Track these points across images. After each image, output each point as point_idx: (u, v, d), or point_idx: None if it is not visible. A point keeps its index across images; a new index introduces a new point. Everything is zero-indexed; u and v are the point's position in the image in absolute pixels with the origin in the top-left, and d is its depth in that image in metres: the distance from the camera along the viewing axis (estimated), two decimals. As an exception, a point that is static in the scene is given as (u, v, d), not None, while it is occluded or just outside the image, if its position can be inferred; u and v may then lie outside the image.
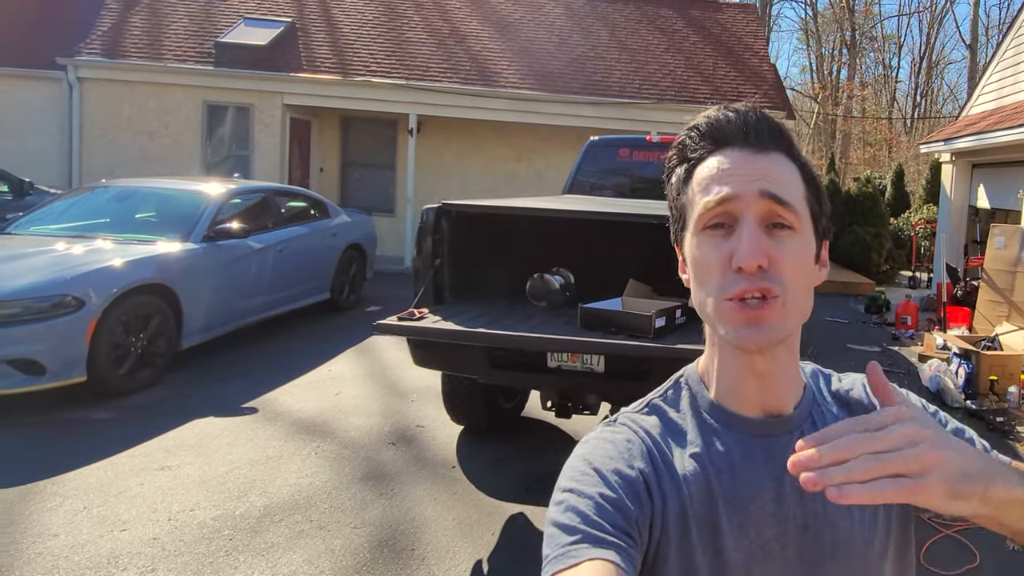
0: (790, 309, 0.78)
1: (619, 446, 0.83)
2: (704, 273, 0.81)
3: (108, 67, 11.66)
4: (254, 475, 4.04)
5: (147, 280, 5.47)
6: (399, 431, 4.84)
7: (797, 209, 0.79)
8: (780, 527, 0.81)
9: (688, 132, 0.85)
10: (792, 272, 0.78)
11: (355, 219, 9.15)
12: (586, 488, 0.77)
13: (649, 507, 0.79)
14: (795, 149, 0.84)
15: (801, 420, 0.87)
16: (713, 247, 0.79)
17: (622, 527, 0.75)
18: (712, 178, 0.80)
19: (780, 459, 0.79)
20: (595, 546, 0.72)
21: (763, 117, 0.84)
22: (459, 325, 3.38)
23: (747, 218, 0.78)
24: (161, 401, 5.22)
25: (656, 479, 0.81)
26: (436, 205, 3.85)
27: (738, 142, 0.81)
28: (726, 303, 0.78)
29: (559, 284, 4.07)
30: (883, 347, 8.11)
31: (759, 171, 0.79)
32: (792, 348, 0.85)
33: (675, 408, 0.89)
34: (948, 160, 11.61)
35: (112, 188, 7.04)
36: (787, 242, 0.78)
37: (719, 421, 0.86)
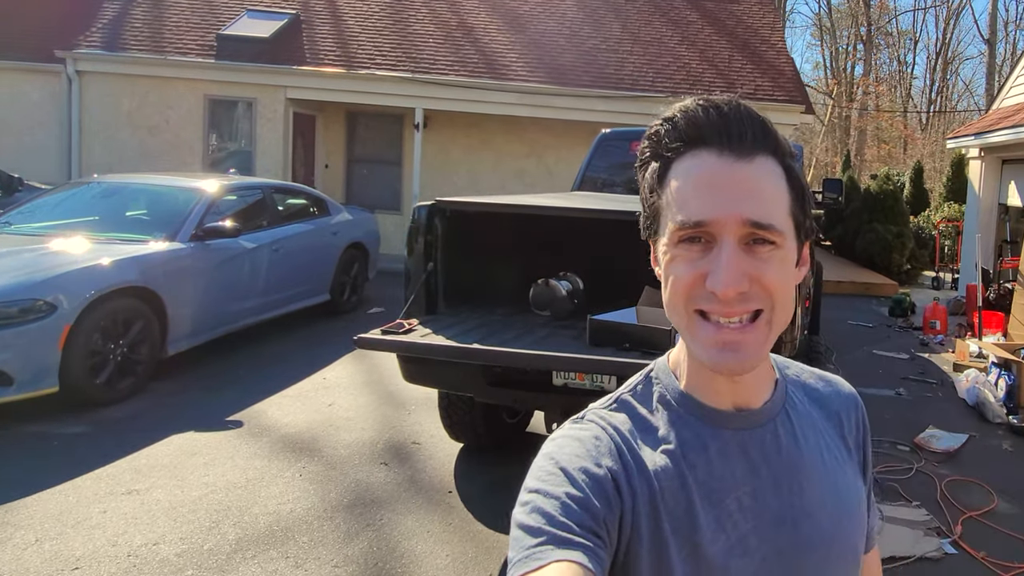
0: (774, 328, 0.76)
1: (586, 444, 0.80)
2: (675, 287, 0.76)
3: (108, 60, 11.34)
4: (230, 501, 3.68)
5: (128, 283, 5.13)
6: (393, 448, 4.47)
7: (782, 229, 0.75)
8: (756, 521, 0.80)
9: (663, 124, 0.77)
10: (777, 288, 0.75)
11: (357, 217, 8.79)
12: (552, 488, 0.74)
13: (618, 505, 0.76)
14: (781, 149, 0.77)
15: (774, 413, 0.85)
16: (687, 263, 0.75)
17: (589, 527, 0.72)
18: (689, 191, 0.74)
19: (754, 453, 0.82)
20: (561, 547, 0.69)
21: (746, 115, 0.76)
22: (451, 339, 2.99)
23: (726, 239, 0.73)
24: (140, 413, 4.87)
25: (626, 476, 0.78)
26: (429, 203, 3.47)
27: (717, 143, 0.74)
28: (694, 315, 0.75)
29: (566, 291, 3.69)
30: (911, 353, 7.66)
31: (741, 188, 0.73)
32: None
33: (645, 403, 0.86)
34: (976, 156, 11.10)
35: (99, 185, 6.70)
36: (769, 258, 0.74)
37: (691, 413, 0.83)
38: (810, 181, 21.69)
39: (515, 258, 3.86)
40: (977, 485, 4.31)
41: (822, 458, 0.86)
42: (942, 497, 4.09)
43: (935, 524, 3.74)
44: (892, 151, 35.14)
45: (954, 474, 4.46)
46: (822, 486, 0.83)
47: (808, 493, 0.82)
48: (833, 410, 0.92)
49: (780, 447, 0.83)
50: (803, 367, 0.96)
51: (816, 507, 0.82)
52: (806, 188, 0.80)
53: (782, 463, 0.82)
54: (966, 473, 4.51)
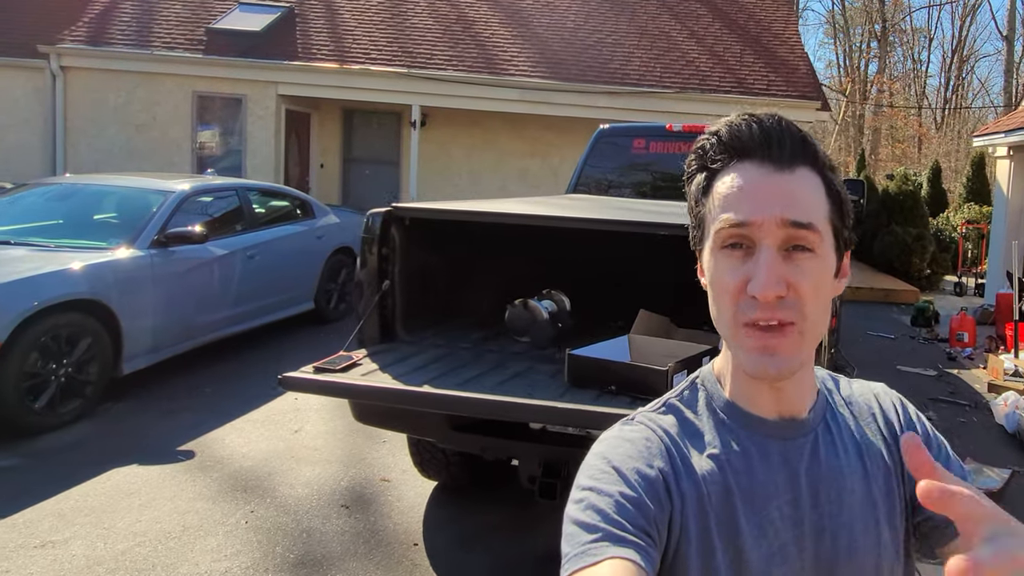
0: (807, 338, 0.78)
1: (638, 445, 0.82)
2: (720, 292, 0.79)
3: (93, 55, 10.92)
4: (157, 556, 3.17)
5: (74, 295, 4.64)
6: (357, 487, 3.95)
7: (820, 231, 0.77)
8: (797, 530, 0.81)
9: (708, 138, 0.82)
10: (812, 298, 0.76)
11: (345, 220, 8.27)
12: (606, 486, 0.76)
13: (668, 506, 0.78)
14: (821, 160, 0.81)
15: (815, 424, 0.86)
16: (730, 269, 0.78)
17: (642, 526, 0.74)
18: (731, 198, 0.78)
19: (795, 463, 0.84)
20: (615, 544, 0.71)
21: (787, 129, 0.80)
22: (399, 379, 2.47)
23: (765, 244, 0.76)
24: (82, 441, 4.38)
25: (675, 478, 0.80)
26: (383, 209, 2.94)
27: (759, 155, 0.78)
28: (742, 328, 0.77)
29: (548, 313, 3.15)
30: (939, 369, 7.07)
31: (781, 193, 0.76)
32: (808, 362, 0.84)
33: (691, 408, 0.88)
34: (1004, 155, 10.47)
35: (61, 185, 6.22)
36: (807, 266, 0.76)
37: (735, 421, 0.85)
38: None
39: (492, 274, 3.33)
40: (1026, 535, 3.75)
41: (863, 467, 0.85)
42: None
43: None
44: (907, 150, 34.46)
45: (998, 520, 3.89)
46: (862, 496, 0.83)
47: (848, 502, 0.82)
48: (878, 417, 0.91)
49: (821, 458, 0.84)
50: (843, 378, 0.96)
51: (854, 517, 0.82)
52: (846, 199, 0.82)
53: (822, 474, 0.83)
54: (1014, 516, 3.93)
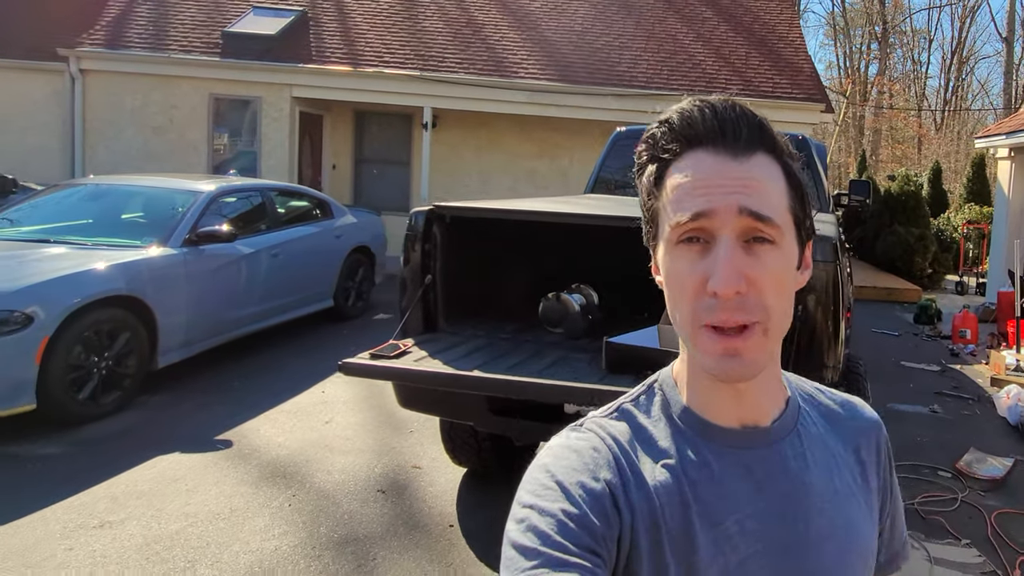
0: (772, 336, 0.73)
1: (584, 455, 0.76)
2: (677, 291, 0.74)
3: (111, 58, 11.10)
4: (210, 535, 3.36)
5: (114, 291, 4.83)
6: (391, 473, 4.14)
7: (779, 222, 0.72)
8: (758, 546, 0.75)
9: (659, 126, 0.76)
10: (773, 292, 0.72)
11: (362, 219, 8.48)
12: (547, 504, 0.71)
13: (617, 521, 0.73)
14: (779, 147, 0.76)
15: (783, 433, 0.81)
16: (688, 265, 0.72)
17: (587, 546, 0.69)
18: (685, 189, 0.73)
19: (758, 474, 0.78)
20: (557, 570, 0.66)
21: (742, 114, 0.74)
22: (450, 365, 2.66)
23: (723, 236, 0.71)
24: (124, 431, 4.57)
25: (624, 490, 0.74)
26: (426, 207, 3.14)
27: (714, 143, 0.73)
28: (701, 329, 0.72)
29: (579, 305, 3.35)
30: (942, 365, 7.26)
31: (737, 182, 0.72)
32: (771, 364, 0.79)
33: (646, 413, 0.82)
34: (1006, 156, 10.66)
35: (93, 186, 6.42)
36: (767, 258, 0.72)
37: (693, 429, 0.79)
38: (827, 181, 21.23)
39: (523, 269, 3.53)
40: (1029, 518, 3.94)
41: (832, 485, 0.81)
42: (993, 534, 3.72)
43: (990, 567, 3.37)
44: (907, 151, 34.64)
45: (1003, 505, 4.08)
46: (831, 514, 0.79)
47: (816, 521, 0.78)
48: (850, 435, 0.87)
49: (788, 469, 0.79)
50: (821, 388, 0.91)
51: (822, 537, 0.77)
52: (806, 187, 0.78)
53: (789, 487, 0.78)
54: (1016, 504, 4.13)
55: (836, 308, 2.95)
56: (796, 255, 0.76)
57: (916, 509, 3.96)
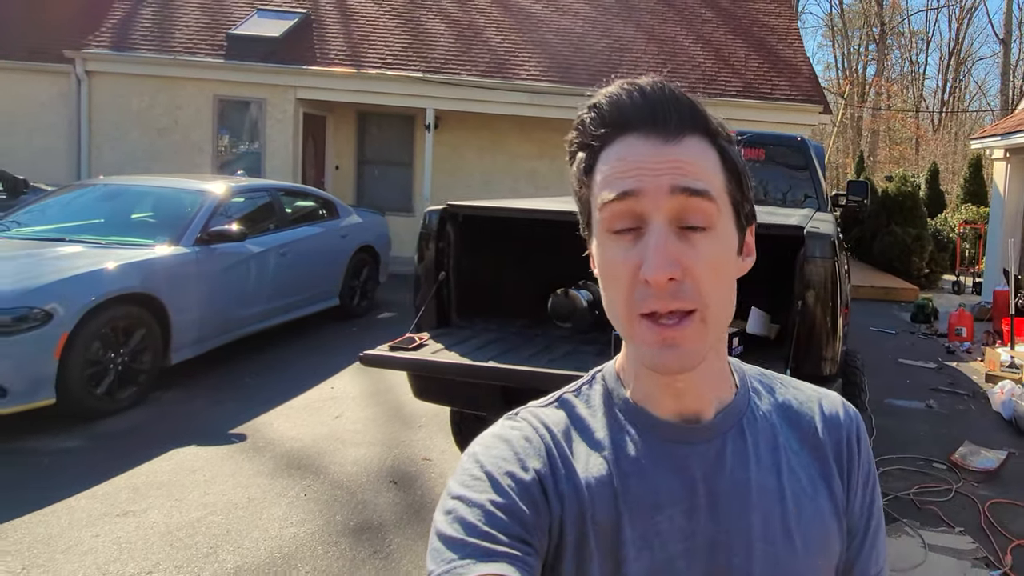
0: (711, 324, 0.71)
1: (515, 445, 0.75)
2: (611, 281, 0.72)
3: (117, 60, 11.21)
4: (229, 523, 3.48)
5: (129, 289, 4.94)
6: (402, 465, 4.26)
7: (716, 200, 0.70)
8: (688, 543, 0.73)
9: (588, 112, 0.74)
10: (710, 279, 0.70)
11: (367, 219, 8.60)
12: (475, 495, 0.70)
13: (546, 511, 0.72)
14: (712, 128, 0.73)
15: (725, 428, 0.78)
16: (620, 253, 0.70)
17: (516, 535, 0.68)
18: (615, 174, 0.71)
19: (694, 469, 0.76)
20: (484, 560, 0.65)
21: (672, 96, 0.72)
22: (465, 356, 2.79)
23: (655, 221, 0.69)
24: (140, 426, 4.69)
25: (553, 480, 0.73)
26: (440, 206, 3.26)
27: (644, 127, 0.71)
28: (638, 319, 0.70)
29: (587, 301, 3.46)
30: (939, 362, 7.39)
31: (668, 163, 0.69)
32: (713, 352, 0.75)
33: (586, 404, 0.81)
34: (1001, 157, 10.80)
35: (104, 187, 6.53)
36: (703, 245, 0.69)
37: (631, 420, 0.78)
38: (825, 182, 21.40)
39: (532, 266, 3.64)
40: (1022, 509, 4.07)
41: (778, 483, 0.77)
42: (986, 522, 3.85)
43: (982, 554, 3.50)
44: (904, 152, 34.81)
45: (996, 495, 4.21)
46: (768, 514, 0.75)
47: (750, 519, 0.75)
48: (810, 431, 0.82)
49: (725, 466, 0.76)
50: (787, 380, 0.87)
51: (755, 537, 0.74)
52: (744, 170, 0.76)
53: (724, 484, 0.76)
54: (1009, 494, 4.26)
55: (834, 304, 3.07)
56: (735, 240, 0.74)
57: (912, 499, 4.08)
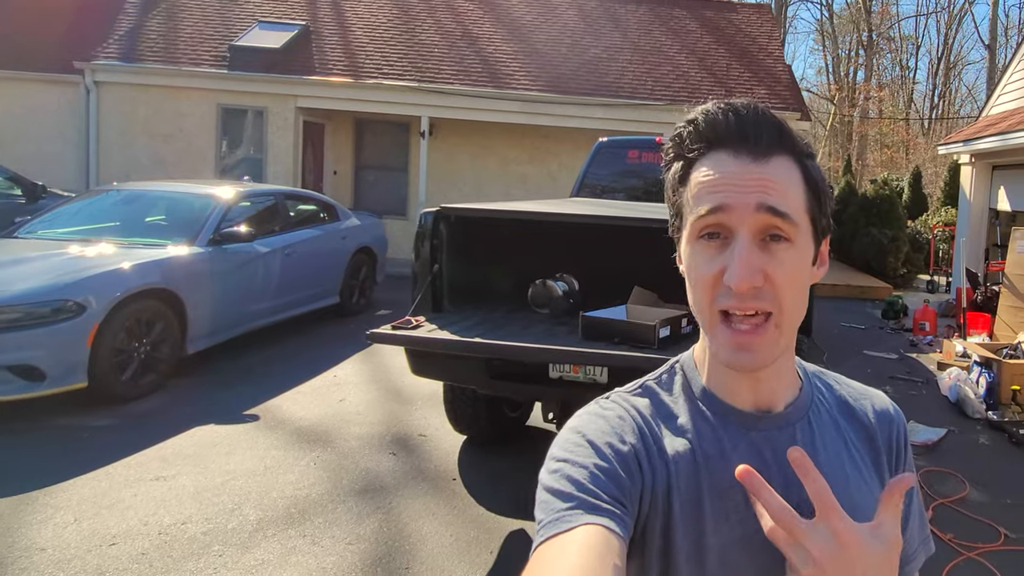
0: (784, 329, 0.78)
1: (611, 421, 0.83)
2: (697, 282, 0.79)
3: (124, 71, 11.69)
4: (250, 486, 3.96)
5: (151, 285, 5.43)
6: (400, 440, 4.75)
7: (796, 220, 0.77)
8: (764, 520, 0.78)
9: (686, 126, 0.82)
10: (788, 288, 0.76)
11: (365, 222, 9.08)
12: (580, 458, 0.78)
13: (639, 480, 0.79)
14: (798, 148, 0.81)
15: (796, 418, 0.86)
16: (707, 259, 0.78)
17: (616, 496, 0.75)
18: (707, 186, 0.78)
19: (768, 454, 0.83)
20: (590, 512, 0.72)
21: (763, 117, 0.79)
22: (456, 334, 3.28)
23: (741, 234, 0.76)
24: (162, 408, 5.17)
25: (647, 455, 0.81)
26: (434, 209, 3.76)
27: (735, 144, 0.78)
28: (718, 315, 0.78)
29: (562, 291, 3.97)
30: (900, 354, 7.92)
31: (756, 181, 0.76)
32: (786, 353, 0.84)
33: (668, 391, 0.89)
34: (967, 162, 11.35)
35: (119, 192, 7.01)
36: (784, 256, 0.76)
37: (710, 408, 0.85)
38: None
39: (514, 260, 4.14)
40: (951, 475, 4.58)
41: (843, 471, 0.85)
42: (918, 486, 4.35)
43: (906, 509, 4.00)
44: (894, 156, 35.37)
45: (931, 465, 4.72)
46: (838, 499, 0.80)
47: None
48: (866, 425, 0.92)
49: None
50: (841, 378, 0.97)
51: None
52: (824, 187, 0.82)
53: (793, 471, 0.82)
54: (943, 464, 4.77)
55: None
56: (812, 252, 0.81)
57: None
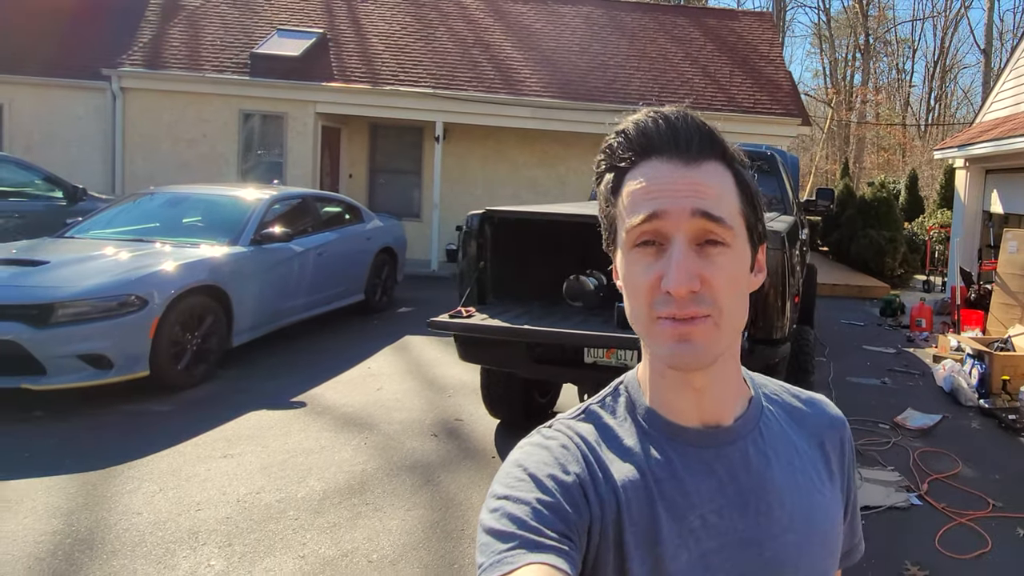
0: (723, 328, 0.77)
1: (554, 452, 0.81)
2: (634, 291, 0.79)
3: (150, 77, 12.09)
4: (310, 462, 4.38)
5: (202, 281, 5.84)
6: (439, 424, 5.17)
7: (731, 224, 0.77)
8: (721, 540, 0.80)
9: (616, 137, 0.81)
10: (725, 291, 0.77)
11: (387, 224, 9.50)
12: (521, 494, 0.76)
13: (587, 512, 0.77)
14: (729, 154, 0.81)
15: (746, 431, 0.86)
16: (644, 267, 0.77)
17: (561, 531, 0.73)
18: (640, 194, 0.77)
19: (720, 471, 0.82)
20: (533, 551, 0.70)
21: (693, 124, 0.79)
22: (505, 323, 3.70)
23: (677, 239, 0.75)
24: (216, 395, 5.58)
25: (593, 484, 0.79)
26: (481, 211, 4.18)
27: (667, 151, 0.78)
28: (657, 321, 0.77)
29: (593, 285, 4.39)
30: (898, 348, 8.35)
31: (690, 186, 0.77)
32: (730, 360, 0.84)
33: (612, 414, 0.87)
34: (962, 166, 11.80)
35: (163, 194, 7.43)
36: (720, 260, 0.77)
37: (656, 428, 0.84)
38: (810, 188, 22.43)
39: (549, 258, 4.57)
40: (945, 454, 5.00)
41: (795, 480, 0.85)
42: (914, 464, 4.78)
43: (905, 483, 4.44)
44: (891, 158, 35.81)
45: (926, 446, 5.15)
46: (792, 508, 0.83)
47: (776, 514, 0.82)
48: (814, 431, 0.92)
49: (749, 466, 0.83)
50: (786, 387, 0.97)
51: (783, 529, 0.82)
52: (756, 193, 0.83)
53: (750, 482, 0.82)
54: (937, 446, 5.19)
55: (784, 287, 3.98)
56: (748, 257, 0.81)
57: (857, 448, 5.01)
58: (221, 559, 3.30)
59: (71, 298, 5.05)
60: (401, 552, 3.44)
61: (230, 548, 3.40)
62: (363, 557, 3.38)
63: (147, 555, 3.30)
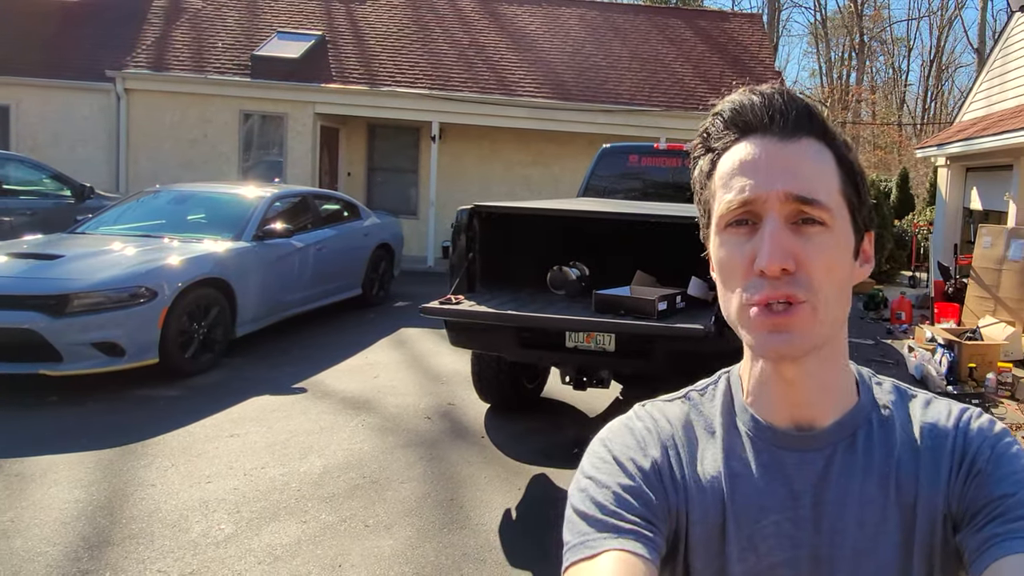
0: (821, 315, 0.72)
1: (638, 435, 0.82)
2: (727, 275, 0.76)
3: (153, 79, 12.41)
4: (311, 442, 4.69)
5: (207, 275, 6.14)
6: (433, 408, 5.48)
7: (829, 205, 0.73)
8: (794, 552, 0.76)
9: (712, 119, 0.79)
10: (822, 274, 0.72)
11: (384, 220, 9.81)
12: (605, 477, 0.77)
13: (664, 497, 0.77)
14: (830, 132, 0.77)
15: (838, 438, 0.79)
16: (736, 247, 0.74)
17: (641, 514, 0.74)
18: (733, 173, 0.75)
19: (800, 479, 0.77)
20: (614, 535, 0.72)
21: (791, 99, 0.76)
22: (493, 309, 4.01)
23: (771, 216, 0.72)
24: (221, 382, 5.89)
25: (670, 470, 0.79)
26: (469, 207, 4.49)
27: (763, 129, 0.75)
28: (750, 308, 0.73)
29: (576, 275, 4.70)
30: (876, 340, 8.67)
31: (784, 166, 0.73)
32: (829, 356, 0.78)
33: (709, 402, 0.86)
34: (944, 164, 12.13)
35: (169, 192, 7.74)
36: (817, 240, 0.72)
37: (745, 423, 0.81)
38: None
39: (534, 250, 4.88)
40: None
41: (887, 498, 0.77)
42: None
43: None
44: (887, 157, 36.11)
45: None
46: (873, 530, 0.76)
47: (853, 535, 0.76)
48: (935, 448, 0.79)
49: (832, 478, 0.77)
50: (928, 397, 0.85)
51: (859, 552, 0.76)
52: (861, 174, 0.78)
53: (830, 497, 0.77)
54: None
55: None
56: (851, 242, 0.76)
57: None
58: (230, 523, 3.61)
59: (86, 289, 5.36)
60: (395, 518, 3.75)
61: (238, 514, 3.71)
62: (360, 522, 3.69)
63: (163, 520, 3.61)
